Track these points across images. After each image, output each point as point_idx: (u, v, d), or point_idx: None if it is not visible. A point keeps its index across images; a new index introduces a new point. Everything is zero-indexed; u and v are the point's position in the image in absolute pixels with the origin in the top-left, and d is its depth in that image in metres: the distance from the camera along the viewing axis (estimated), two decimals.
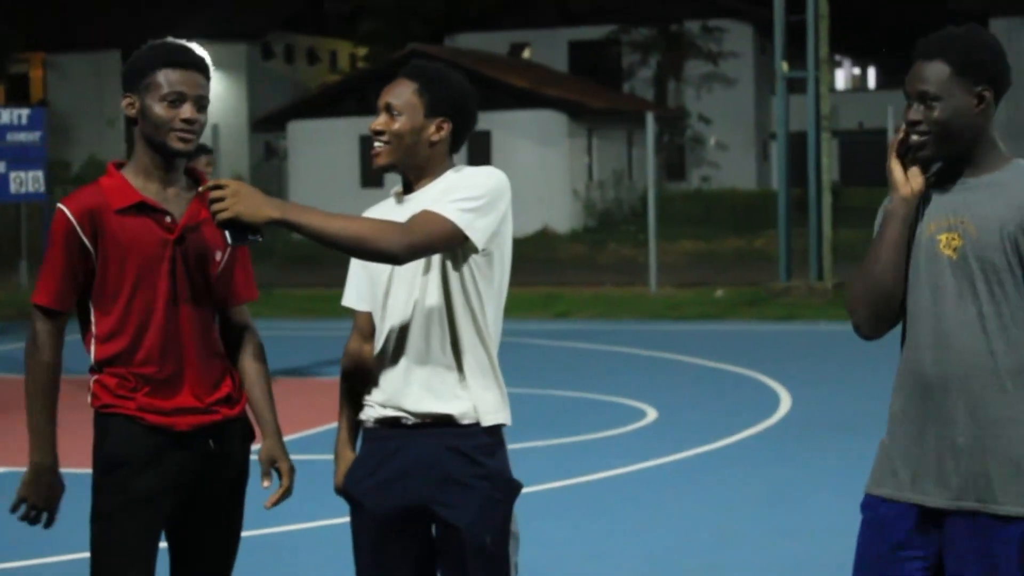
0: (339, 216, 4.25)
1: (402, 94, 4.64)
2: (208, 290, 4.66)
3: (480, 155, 41.65)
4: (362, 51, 56.97)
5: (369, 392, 4.54)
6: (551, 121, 41.67)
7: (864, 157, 46.84)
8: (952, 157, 4.21)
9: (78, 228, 4.48)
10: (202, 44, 51.96)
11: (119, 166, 4.66)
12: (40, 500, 4.56)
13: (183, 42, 4.63)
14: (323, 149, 42.63)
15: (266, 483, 4.68)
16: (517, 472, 4.59)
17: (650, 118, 25.77)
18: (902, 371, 4.27)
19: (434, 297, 4.41)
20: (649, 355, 17.24)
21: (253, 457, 4.76)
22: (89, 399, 4.61)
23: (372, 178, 42.84)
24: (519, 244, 4.67)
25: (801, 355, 17.38)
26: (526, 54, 52.53)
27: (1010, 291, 4.11)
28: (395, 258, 4.24)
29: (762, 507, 9.19)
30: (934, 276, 4.18)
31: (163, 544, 4.69)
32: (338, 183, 42.52)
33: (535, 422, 12.10)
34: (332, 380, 17.19)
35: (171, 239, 4.55)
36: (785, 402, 13.45)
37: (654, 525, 8.85)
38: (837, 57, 59.38)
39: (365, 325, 4.62)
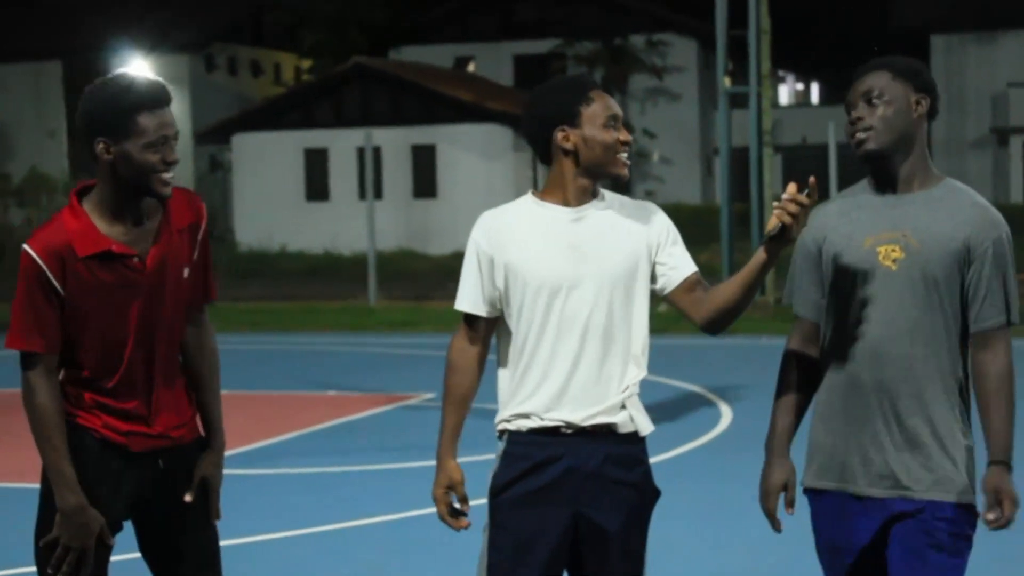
0: None
1: None
2: (177, 316, 4.66)
3: (425, 169, 41.73)
4: (306, 63, 56.90)
5: (518, 400, 4.58)
6: (496, 135, 41.74)
7: (807, 172, 47.06)
8: (889, 159, 4.46)
9: (47, 271, 4.42)
10: (143, 55, 51.87)
11: (82, 193, 4.55)
12: (74, 540, 4.48)
13: (146, 77, 4.54)
14: (268, 162, 42.55)
15: (188, 497, 4.69)
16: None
17: None
18: (833, 371, 4.54)
19: (612, 316, 4.53)
20: None
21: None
22: None
23: (317, 191, 42.82)
24: (462, 258, 4.73)
25: (743, 369, 17.49)
26: (471, 67, 52.61)
27: (945, 303, 4.41)
28: None
29: (701, 519, 9.31)
30: (871, 286, 4.44)
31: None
32: (283, 196, 42.49)
33: (479, 435, 12.14)
34: (276, 394, 16.99)
35: (140, 280, 4.52)
36: (726, 416, 13.57)
37: None
38: (780, 73, 59.69)
39: (479, 329, 4.66)
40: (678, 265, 4.62)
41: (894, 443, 4.44)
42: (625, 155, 4.56)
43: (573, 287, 4.49)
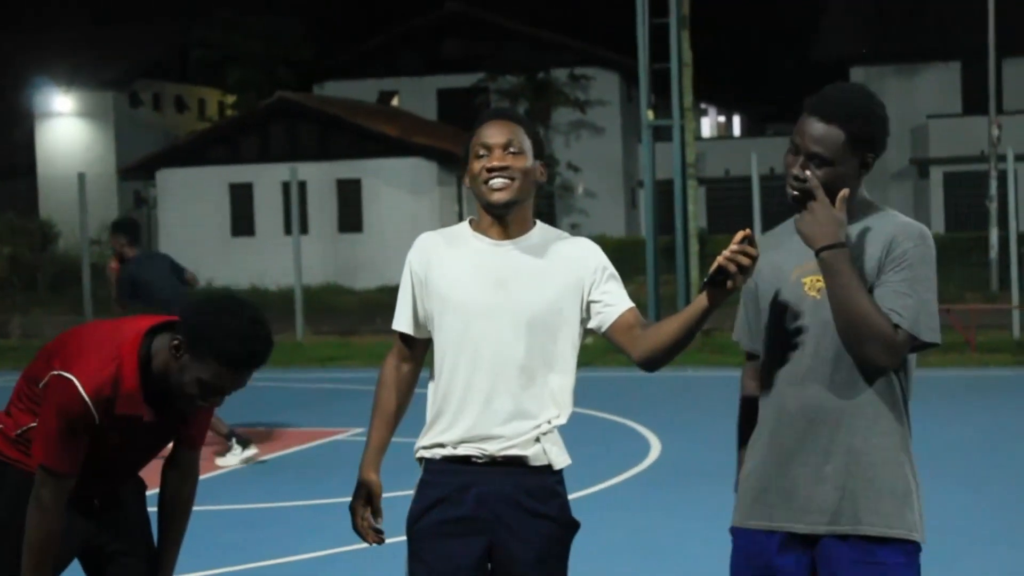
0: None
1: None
2: (155, 453, 4.86)
3: (351, 203, 41.69)
4: (231, 99, 56.70)
5: (434, 427, 4.59)
6: (421, 169, 41.79)
7: (730, 204, 47.43)
8: None
9: (95, 415, 4.48)
10: (68, 92, 51.55)
11: (144, 358, 4.57)
12: None
13: (261, 332, 4.50)
14: (193, 197, 42.38)
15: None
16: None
17: None
18: (765, 405, 4.43)
19: (531, 352, 4.49)
20: None
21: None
22: None
23: (242, 227, 42.67)
24: (389, 292, 4.76)
25: (670, 401, 17.55)
26: (395, 102, 52.61)
27: None
28: None
29: (630, 552, 9.31)
30: (798, 317, 4.33)
31: None
32: (208, 231, 42.30)
33: (407, 469, 12.11)
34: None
35: (139, 432, 4.67)
36: (655, 448, 13.58)
37: None
38: (703, 105, 60.01)
39: (411, 349, 4.67)
40: (613, 303, 4.56)
41: (820, 475, 4.29)
42: (495, 182, 4.47)
43: (490, 318, 4.46)
